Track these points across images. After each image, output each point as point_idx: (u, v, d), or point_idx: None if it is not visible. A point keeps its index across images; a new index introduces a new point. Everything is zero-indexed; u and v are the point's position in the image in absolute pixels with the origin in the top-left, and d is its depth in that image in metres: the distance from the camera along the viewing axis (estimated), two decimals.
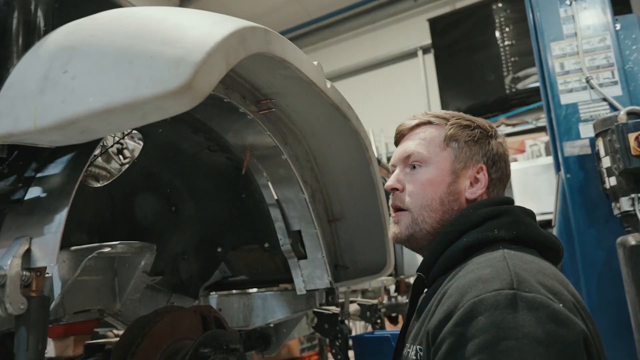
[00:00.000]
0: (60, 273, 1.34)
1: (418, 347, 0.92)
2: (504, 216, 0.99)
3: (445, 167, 1.08)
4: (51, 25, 0.93)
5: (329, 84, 1.32)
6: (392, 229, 1.12)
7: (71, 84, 0.71)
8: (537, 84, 6.65)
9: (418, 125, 1.15)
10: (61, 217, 0.85)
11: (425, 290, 1.06)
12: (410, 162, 1.11)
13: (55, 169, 0.89)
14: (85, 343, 1.35)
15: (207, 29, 0.78)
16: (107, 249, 1.30)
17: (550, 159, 4.93)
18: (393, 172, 1.17)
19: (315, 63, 1.28)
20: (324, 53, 8.73)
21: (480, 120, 1.15)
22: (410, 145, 1.12)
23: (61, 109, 0.71)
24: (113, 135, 1.63)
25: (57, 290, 1.33)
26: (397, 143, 1.20)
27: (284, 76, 1.29)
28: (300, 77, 1.24)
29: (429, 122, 1.14)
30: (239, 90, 1.36)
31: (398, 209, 1.11)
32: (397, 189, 1.11)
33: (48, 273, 1.32)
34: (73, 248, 1.34)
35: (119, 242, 1.33)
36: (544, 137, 6.30)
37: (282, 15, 8.23)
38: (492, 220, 0.99)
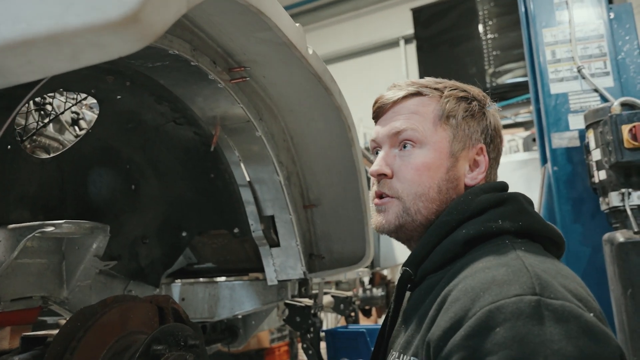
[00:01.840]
0: None
1: (412, 358, 0.78)
2: (508, 204, 0.86)
3: (444, 148, 0.91)
4: None
5: (310, 50, 1.17)
6: (377, 218, 0.95)
7: None
8: (517, 80, 6.73)
9: (405, 97, 0.95)
10: None
11: (410, 287, 0.92)
12: (401, 141, 0.93)
13: None
14: (22, 335, 1.18)
15: None
16: (50, 228, 1.14)
17: (527, 155, 4.92)
18: (374, 150, 0.99)
19: (297, 25, 1.13)
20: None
21: (473, 89, 0.99)
22: (399, 120, 0.93)
23: None
24: (64, 101, 1.46)
25: None
26: (377, 118, 1.00)
27: (261, 40, 1.14)
28: (279, 40, 1.09)
29: (419, 93, 0.95)
30: (208, 54, 1.20)
31: (385, 197, 0.94)
32: (385, 175, 0.94)
33: None
34: (11, 226, 1.16)
35: (64, 221, 1.16)
36: (522, 133, 6.29)
37: None
38: (494, 209, 0.85)
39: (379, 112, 0.99)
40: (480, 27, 7.07)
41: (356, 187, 1.60)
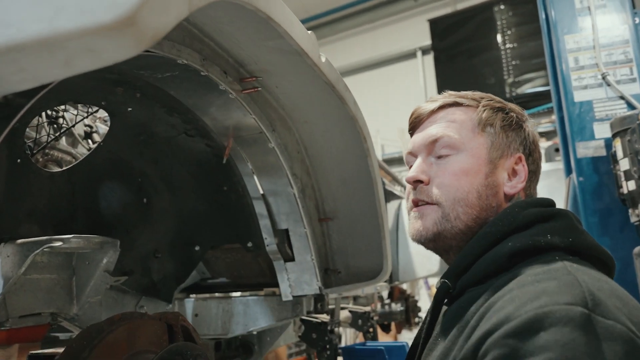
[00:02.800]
0: (3, 270, 1.14)
1: None
2: (557, 220, 0.82)
3: (482, 154, 0.90)
4: None
5: (323, 58, 1.13)
6: (414, 225, 0.92)
7: None
8: (537, 89, 6.62)
9: (442, 107, 0.96)
10: None
11: (447, 301, 0.87)
12: (438, 148, 0.92)
13: None
14: (29, 353, 1.15)
15: None
16: (58, 243, 1.11)
17: (550, 166, 4.80)
18: (409, 164, 0.97)
19: (309, 32, 1.10)
20: (321, 51, 8.54)
21: (510, 104, 0.98)
22: (436, 128, 0.93)
23: None
24: (75, 114, 1.45)
25: None
26: (413, 129, 1.00)
27: (272, 48, 1.10)
28: (290, 48, 1.05)
29: (456, 104, 0.96)
30: (219, 64, 1.17)
31: (422, 204, 0.92)
32: (421, 181, 0.92)
33: None
34: (19, 241, 1.14)
35: (73, 235, 1.14)
36: (544, 143, 6.16)
37: None
38: (542, 224, 0.81)
39: (416, 123, 0.99)
40: (499, 37, 6.99)
41: (372, 200, 1.55)
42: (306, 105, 1.38)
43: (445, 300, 0.87)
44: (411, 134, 1.01)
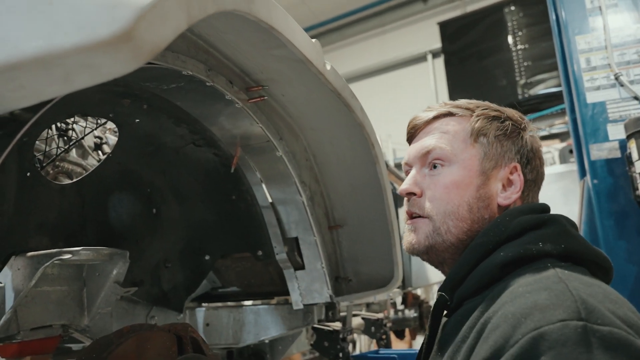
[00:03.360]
0: (14, 282, 1.15)
1: None
2: (548, 226, 0.81)
3: (473, 166, 0.90)
4: None
5: (328, 66, 1.13)
6: (407, 238, 0.93)
7: None
8: (550, 90, 6.54)
9: (437, 118, 0.97)
10: None
11: (446, 313, 0.87)
12: (431, 160, 0.93)
13: None
14: None
15: None
16: (67, 256, 1.12)
17: (564, 167, 4.73)
18: (407, 173, 0.98)
19: (314, 40, 1.09)
20: (331, 56, 8.55)
21: (509, 111, 0.98)
22: (429, 140, 0.95)
23: None
24: (84, 126, 1.46)
25: (11, 302, 1.14)
26: (410, 139, 1.02)
27: (277, 57, 1.10)
28: (295, 57, 1.05)
29: (450, 114, 0.96)
30: (224, 74, 1.17)
31: (416, 216, 0.93)
32: (414, 194, 0.93)
33: (0, 282, 1.15)
34: (29, 254, 1.15)
35: (82, 247, 1.14)
36: (558, 144, 6.08)
37: None
38: (533, 231, 0.80)
39: (412, 133, 1.01)
40: (510, 38, 6.92)
41: (382, 207, 1.54)
42: (313, 112, 1.37)
43: (445, 312, 0.88)
44: (409, 144, 1.02)
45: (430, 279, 3.40)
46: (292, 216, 1.53)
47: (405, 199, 0.96)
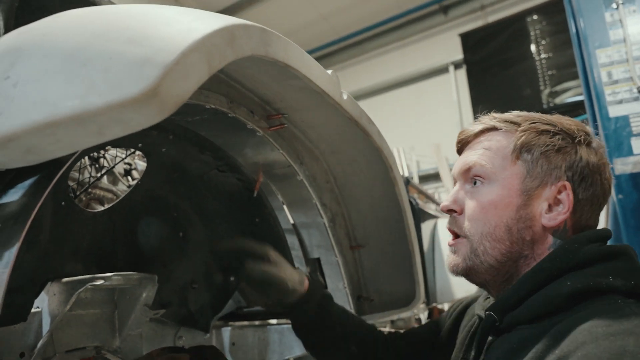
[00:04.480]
0: (50, 307, 1.22)
1: None
2: (620, 259, 0.78)
3: (514, 185, 0.87)
4: (11, 28, 0.81)
5: (345, 95, 1.17)
6: (449, 259, 0.93)
7: (12, 92, 0.57)
8: (576, 98, 6.44)
9: (482, 132, 0.94)
10: (10, 254, 0.71)
11: (490, 334, 0.86)
12: (471, 177, 0.91)
13: (12, 196, 0.76)
14: None
15: (187, 26, 0.65)
16: (100, 281, 1.17)
17: None
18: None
19: (330, 72, 1.13)
20: (352, 71, 8.62)
21: (565, 122, 0.91)
22: (471, 156, 0.92)
23: None
24: (115, 155, 1.52)
25: (47, 326, 1.21)
26: (459, 152, 1.00)
27: (296, 87, 1.15)
28: (312, 88, 1.09)
29: (494, 128, 0.93)
30: (245, 104, 1.22)
31: (456, 235, 0.92)
32: (454, 211, 0.92)
33: (38, 307, 1.22)
34: (64, 280, 1.21)
35: (113, 273, 1.20)
36: None
37: (310, 34, 8.18)
38: (604, 263, 0.78)
39: (460, 148, 1.00)
40: (533, 47, 6.86)
41: (402, 226, 1.56)
42: (332, 137, 1.41)
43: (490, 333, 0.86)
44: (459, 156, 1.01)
45: (456, 295, 3.38)
46: (314, 238, 1.56)
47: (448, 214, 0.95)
